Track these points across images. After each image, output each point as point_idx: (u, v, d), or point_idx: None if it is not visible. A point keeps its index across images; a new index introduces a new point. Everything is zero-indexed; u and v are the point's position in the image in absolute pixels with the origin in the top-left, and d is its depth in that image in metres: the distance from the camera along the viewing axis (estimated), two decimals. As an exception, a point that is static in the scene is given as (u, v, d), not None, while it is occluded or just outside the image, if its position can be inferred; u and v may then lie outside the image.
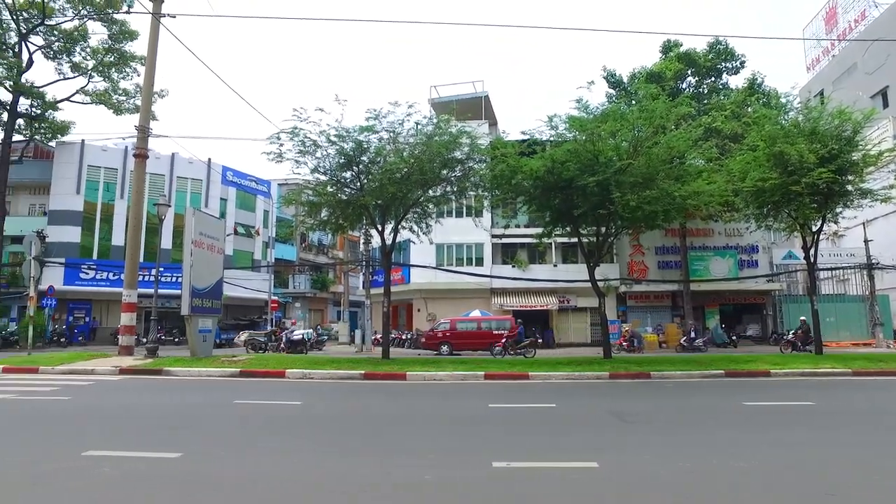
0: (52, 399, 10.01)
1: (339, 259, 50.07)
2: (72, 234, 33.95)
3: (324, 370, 14.27)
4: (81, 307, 34.45)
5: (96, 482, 4.83)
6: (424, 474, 5.06)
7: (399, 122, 17.75)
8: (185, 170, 37.31)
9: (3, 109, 32.51)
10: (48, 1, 31.15)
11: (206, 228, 18.58)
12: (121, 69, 34.44)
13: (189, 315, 17.41)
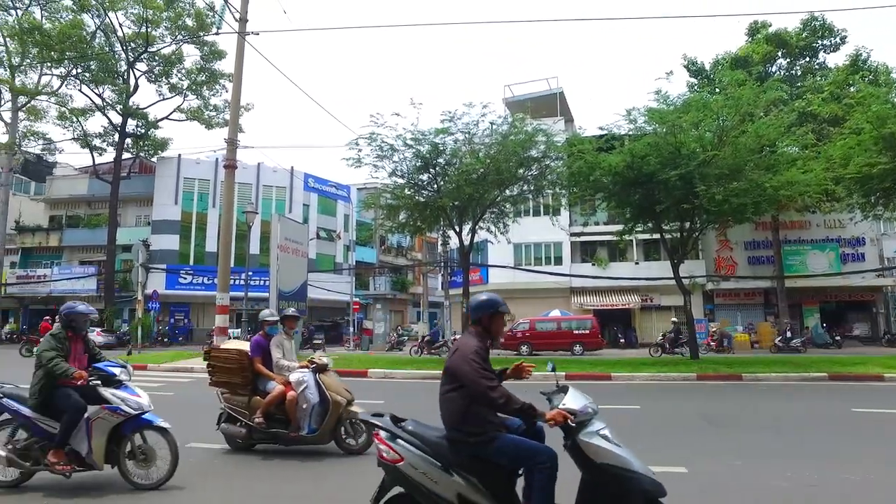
0: (158, 394, 10.79)
1: (417, 260, 50.80)
2: (171, 242, 36.44)
3: (405, 370, 14.56)
4: (181, 309, 36.92)
5: (193, 470, 5.18)
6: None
7: (474, 122, 17.83)
8: (270, 178, 39.12)
9: (115, 130, 35.55)
10: (151, 30, 33.74)
11: (290, 233, 19.44)
12: (211, 87, 36.86)
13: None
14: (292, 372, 6.35)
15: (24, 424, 4.89)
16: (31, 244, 39.52)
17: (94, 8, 33.16)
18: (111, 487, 4.85)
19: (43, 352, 4.94)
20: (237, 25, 20.17)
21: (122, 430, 4.86)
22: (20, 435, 4.93)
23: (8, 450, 4.83)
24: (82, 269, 36.64)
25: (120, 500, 4.56)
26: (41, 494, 4.70)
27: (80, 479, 4.92)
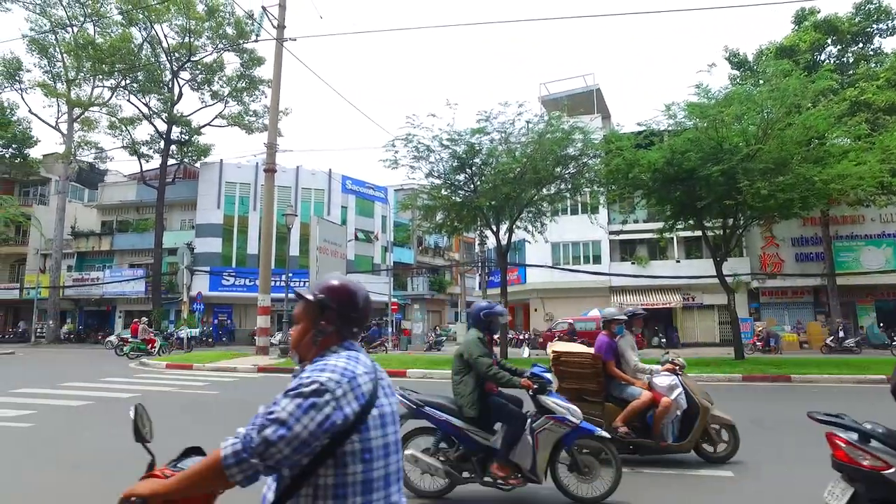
0: (204, 393, 11.12)
1: (455, 261, 50.90)
2: (214, 245, 37.44)
3: (443, 370, 14.59)
4: (224, 310, 37.89)
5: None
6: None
7: (510, 122, 17.75)
8: (309, 181, 39.78)
9: (160, 138, 36.88)
10: (193, 40, 34.87)
11: (329, 235, 19.74)
12: (251, 93, 37.85)
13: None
14: (655, 375, 5.87)
15: (451, 434, 4.71)
16: (85, 248, 41.27)
17: (141, 21, 34.44)
18: (548, 500, 4.80)
19: (478, 358, 4.69)
20: (275, 32, 20.65)
21: (565, 441, 4.61)
22: (441, 444, 4.82)
23: (441, 461, 4.69)
24: (132, 272, 38.02)
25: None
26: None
27: (518, 493, 4.86)
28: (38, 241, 40.39)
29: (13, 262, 43.02)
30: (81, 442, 6.74)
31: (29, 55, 36.19)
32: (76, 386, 11.75)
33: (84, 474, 5.29)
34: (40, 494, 4.63)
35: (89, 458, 5.90)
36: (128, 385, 12.24)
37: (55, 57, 36.15)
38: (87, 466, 5.56)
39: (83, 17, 35.36)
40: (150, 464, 1.84)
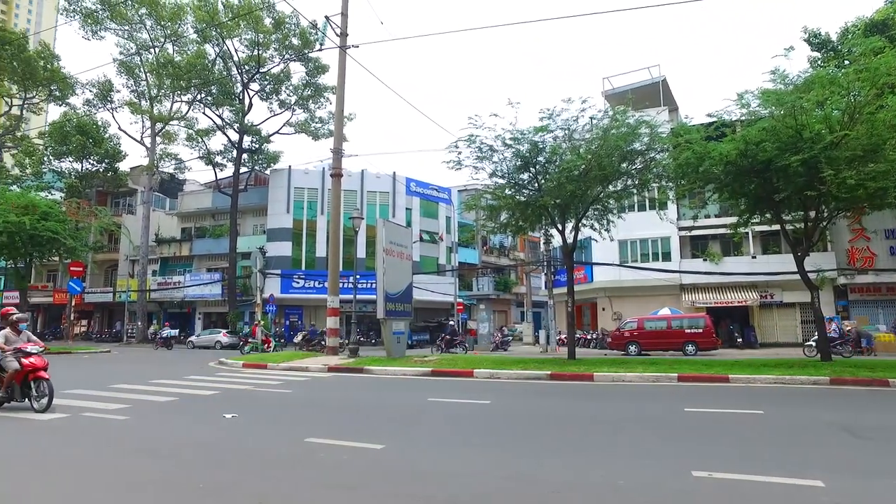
0: (278, 391, 11.55)
1: (520, 260, 50.57)
2: (284, 249, 38.86)
3: (510, 370, 14.52)
4: (295, 312, 39.25)
5: (315, 466, 5.50)
6: (618, 478, 4.91)
7: (573, 118, 17.44)
8: (374, 184, 40.58)
9: (233, 147, 38.73)
10: (262, 52, 36.43)
11: (395, 237, 20.04)
12: (316, 100, 39.16)
13: (384, 318, 18.92)
14: None
15: None
16: (167, 254, 43.83)
17: (214, 38, 36.29)
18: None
19: None
20: (338, 41, 21.20)
21: None
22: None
23: None
24: (209, 276, 40.04)
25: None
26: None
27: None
28: (127, 247, 43.35)
29: (107, 267, 46.28)
30: (168, 433, 7.16)
31: (118, 77, 38.93)
32: (163, 383, 12.49)
33: (170, 461, 5.62)
34: (138, 479, 4.96)
35: (175, 448, 6.27)
36: (209, 383, 12.89)
37: (140, 77, 38.65)
38: (173, 455, 5.90)
39: (164, 38, 37.57)
40: None
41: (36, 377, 8.52)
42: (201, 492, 4.68)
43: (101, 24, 36.68)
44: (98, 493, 4.73)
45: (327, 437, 6.65)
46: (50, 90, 41.05)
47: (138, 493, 4.68)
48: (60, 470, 5.45)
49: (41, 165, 41.04)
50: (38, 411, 8.40)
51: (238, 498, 4.51)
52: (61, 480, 5.08)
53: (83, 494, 4.69)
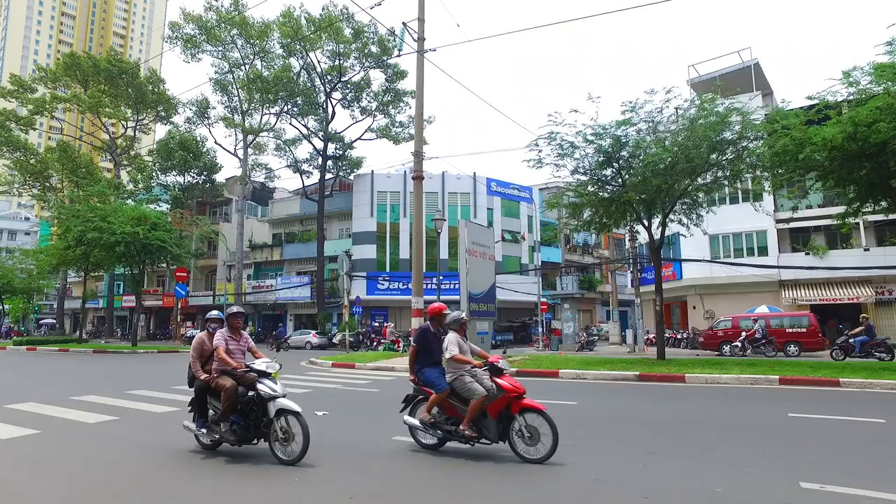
0: (366, 391, 11.92)
1: (604, 258, 49.32)
2: (369, 252, 39.97)
3: (596, 370, 14.22)
4: (381, 313, 40.27)
5: (404, 464, 5.63)
6: (715, 485, 4.70)
7: (657, 109, 16.82)
8: (454, 185, 40.93)
9: (318, 155, 40.38)
10: (343, 62, 37.78)
11: (477, 237, 20.11)
12: (396, 105, 40.06)
13: (468, 318, 19.03)
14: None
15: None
16: (260, 259, 46.30)
17: (299, 52, 38.00)
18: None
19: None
20: (416, 46, 21.56)
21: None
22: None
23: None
24: (298, 279, 41.86)
25: (346, 485, 5.09)
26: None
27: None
28: (224, 253, 46.22)
29: (207, 272, 49.52)
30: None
31: (214, 94, 41.71)
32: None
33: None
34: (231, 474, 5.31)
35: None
36: (301, 381, 13.50)
37: (232, 93, 41.12)
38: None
39: (253, 55, 39.76)
40: None
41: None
42: (297, 485, 4.93)
43: (198, 47, 39.35)
44: (206, 478, 5.11)
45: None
46: (157, 111, 44.75)
47: (231, 483, 5.00)
48: (167, 456, 5.93)
49: (150, 180, 44.65)
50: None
51: (331, 492, 4.71)
52: (163, 468, 5.52)
53: (190, 481, 5.08)
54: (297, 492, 4.74)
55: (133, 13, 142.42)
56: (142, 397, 10.37)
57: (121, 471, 5.52)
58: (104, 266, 33.91)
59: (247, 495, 4.70)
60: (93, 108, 40.62)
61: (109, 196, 34.56)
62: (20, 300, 49.47)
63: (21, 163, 42.35)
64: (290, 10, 36.94)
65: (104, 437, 7.08)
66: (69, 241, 29.87)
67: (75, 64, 42.17)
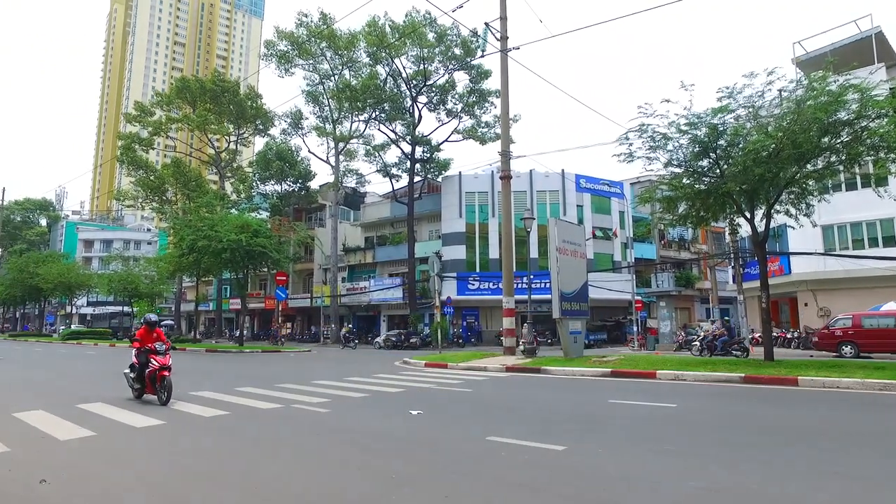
0: (459, 390, 12.00)
1: (703, 253, 46.86)
2: (459, 252, 40.30)
3: (697, 371, 13.52)
4: (471, 313, 40.50)
5: (497, 465, 5.61)
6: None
7: (758, 93, 15.69)
8: (543, 183, 40.41)
9: (406, 159, 41.30)
10: (427, 66, 38.42)
11: (567, 235, 19.73)
12: (481, 105, 40.19)
13: (560, 318, 18.71)
14: None
15: None
16: (353, 262, 47.96)
17: (384, 59, 39.07)
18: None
19: None
20: (499, 45, 21.51)
21: None
22: None
23: None
24: (391, 281, 42.93)
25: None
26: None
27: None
28: (320, 257, 48.32)
29: (305, 276, 51.94)
30: (364, 426, 7.81)
31: (306, 105, 43.78)
32: (356, 380, 13.67)
33: (367, 451, 6.12)
34: (340, 464, 5.50)
35: (371, 439, 6.82)
36: (395, 381, 13.81)
37: (323, 103, 42.95)
38: (369, 446, 6.42)
39: (341, 65, 41.32)
40: None
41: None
42: (394, 482, 5.03)
43: (291, 62, 41.45)
44: (308, 472, 5.34)
45: (508, 437, 6.75)
46: (256, 125, 47.66)
47: (342, 476, 5.18)
48: (275, 448, 6.24)
49: (251, 190, 47.58)
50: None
51: (425, 491, 4.78)
52: (275, 459, 5.82)
53: (297, 473, 5.32)
54: (393, 489, 4.84)
55: (233, 36, 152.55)
56: (249, 394, 11.03)
57: (226, 461, 5.89)
58: (213, 271, 36.62)
59: (340, 491, 4.86)
60: (200, 126, 43.91)
61: (216, 206, 37.15)
62: (145, 303, 54.38)
63: (143, 180, 46.59)
64: (374, 19, 38.06)
65: (220, 430, 7.60)
66: (183, 250, 32.46)
67: (185, 87, 45.77)
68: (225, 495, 4.79)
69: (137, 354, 10.02)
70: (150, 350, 9.85)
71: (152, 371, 9.67)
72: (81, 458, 6.19)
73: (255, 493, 4.79)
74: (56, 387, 13.37)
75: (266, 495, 4.75)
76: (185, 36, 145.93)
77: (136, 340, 10.21)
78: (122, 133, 49.84)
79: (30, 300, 61.04)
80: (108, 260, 64.03)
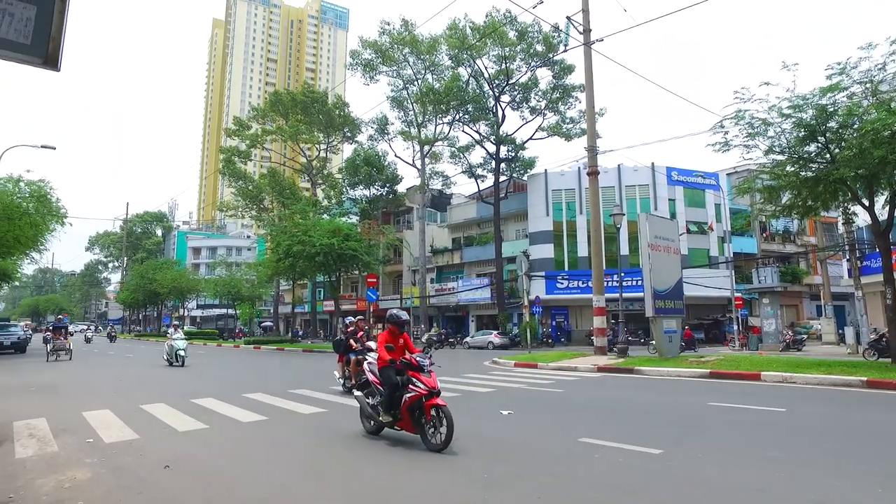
0: (549, 390, 11.82)
1: (811, 246, 43.38)
2: (546, 251, 39.73)
3: (808, 374, 12.53)
4: (560, 312, 39.80)
5: (591, 467, 5.46)
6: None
7: (878, 66, 14.27)
8: (631, 178, 39.04)
9: (491, 159, 41.32)
10: (509, 64, 38.25)
11: (659, 231, 18.96)
12: (565, 101, 39.48)
13: (653, 316, 17.99)
14: None
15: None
16: (441, 263, 48.51)
17: (466, 61, 39.28)
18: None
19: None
20: (581, 38, 21.01)
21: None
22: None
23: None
24: (478, 281, 43.03)
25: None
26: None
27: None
28: (408, 259, 49.30)
29: (394, 277, 53.17)
30: (457, 426, 7.85)
31: (391, 111, 44.80)
32: (446, 380, 13.78)
33: (460, 452, 6.15)
34: (437, 462, 5.57)
35: (464, 440, 6.84)
36: (485, 381, 13.83)
37: (408, 107, 43.79)
38: (461, 446, 6.44)
39: (424, 69, 41.97)
40: None
41: None
42: (485, 482, 5.02)
43: (375, 69, 42.61)
44: (401, 467, 5.44)
45: (601, 438, 6.57)
46: (344, 133, 49.41)
47: (434, 476, 5.24)
48: (370, 446, 6.42)
49: (341, 195, 49.36)
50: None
51: (518, 492, 4.73)
52: (370, 457, 5.98)
53: (391, 471, 5.43)
54: (485, 489, 4.83)
55: (320, 49, 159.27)
56: (341, 392, 11.42)
57: (324, 456, 6.12)
58: (307, 275, 38.28)
59: (433, 491, 4.91)
60: (293, 136, 46.12)
61: (309, 212, 38.84)
62: (246, 306, 58.03)
63: (242, 190, 49.62)
64: (455, 21, 38.31)
65: (317, 426, 7.93)
66: (279, 254, 34.19)
67: (278, 100, 48.27)
68: (326, 490, 4.98)
69: (383, 370, 6.82)
70: (410, 365, 6.65)
71: (415, 399, 6.43)
72: (197, 447, 6.73)
73: (352, 489, 4.95)
74: (172, 382, 14.50)
75: (361, 491, 4.89)
76: (276, 53, 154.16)
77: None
78: (224, 147, 53.27)
79: (149, 303, 67.04)
80: (214, 266, 69.25)
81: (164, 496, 4.76)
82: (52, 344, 23.14)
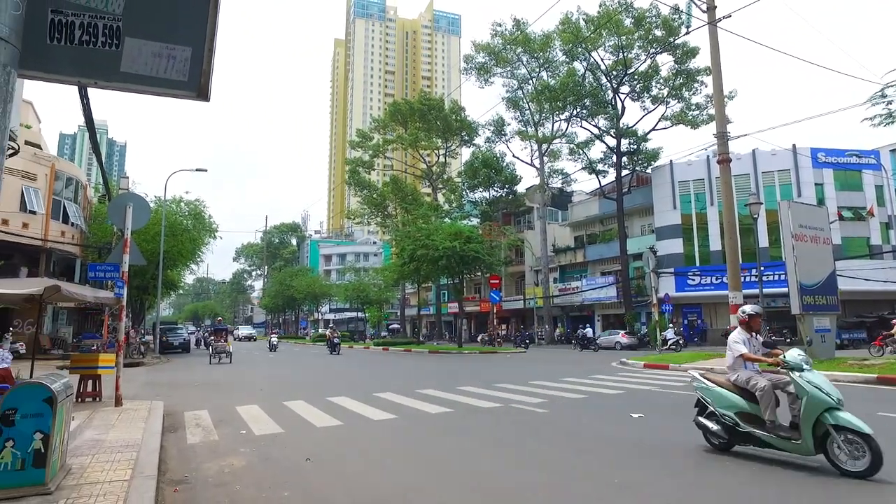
0: (682, 393, 11.21)
1: None
2: (675, 246, 37.62)
3: None
4: (693, 311, 37.43)
5: (726, 477, 5.13)
6: None
7: None
8: (769, 163, 35.87)
9: (612, 153, 40.04)
10: (626, 54, 36.78)
11: (804, 219, 17.29)
12: (689, 86, 37.19)
13: (801, 314, 16.41)
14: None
15: None
16: (564, 262, 47.69)
17: (581, 54, 38.33)
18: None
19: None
20: (706, 17, 19.67)
21: None
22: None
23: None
24: (603, 280, 41.75)
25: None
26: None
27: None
28: (530, 259, 49.02)
29: (516, 278, 53.12)
30: (583, 428, 7.72)
31: (507, 112, 44.92)
32: (572, 381, 13.58)
33: (588, 454, 6.05)
34: (562, 466, 5.53)
35: (590, 442, 6.72)
36: (613, 382, 13.41)
37: (524, 107, 43.66)
38: (590, 448, 6.33)
39: (538, 67, 41.60)
40: None
41: None
42: (615, 487, 4.90)
43: (489, 72, 42.93)
44: (526, 471, 5.47)
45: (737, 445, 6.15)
46: (461, 137, 50.26)
47: (560, 477, 5.20)
48: (494, 445, 6.49)
49: (461, 199, 50.26)
50: None
51: (647, 499, 4.57)
52: (494, 456, 6.05)
53: (516, 470, 5.49)
54: (614, 495, 4.72)
55: (434, 56, 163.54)
56: (469, 393, 11.64)
57: (449, 455, 6.29)
58: (431, 278, 39.37)
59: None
60: (412, 144, 47.69)
61: (431, 217, 39.94)
62: (374, 309, 60.92)
63: (367, 198, 52.21)
64: (567, 15, 37.55)
65: (444, 426, 8.17)
66: (404, 259, 35.52)
67: (397, 110, 50.20)
68: (448, 486, 5.14)
69: None
70: None
71: None
72: (333, 442, 7.23)
73: (474, 486, 5.06)
74: (310, 381, 15.60)
75: (485, 487, 4.99)
76: (394, 65, 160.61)
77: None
78: (349, 159, 56.36)
79: (287, 308, 72.80)
80: (344, 272, 73.72)
81: (307, 488, 5.17)
82: (213, 347, 24.49)
